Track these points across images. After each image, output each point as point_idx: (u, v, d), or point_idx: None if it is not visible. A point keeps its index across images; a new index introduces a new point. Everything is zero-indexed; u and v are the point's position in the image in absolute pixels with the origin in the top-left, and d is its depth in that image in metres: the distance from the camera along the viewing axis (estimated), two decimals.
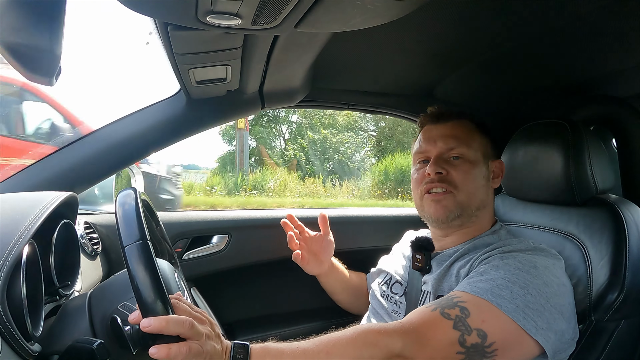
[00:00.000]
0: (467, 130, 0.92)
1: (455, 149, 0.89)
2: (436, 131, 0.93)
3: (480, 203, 0.90)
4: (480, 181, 0.89)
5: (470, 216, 0.89)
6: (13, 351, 0.55)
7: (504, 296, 0.66)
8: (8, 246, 0.58)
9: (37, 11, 0.47)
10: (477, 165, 0.89)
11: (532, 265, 0.71)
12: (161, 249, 0.94)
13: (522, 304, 0.66)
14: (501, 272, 0.71)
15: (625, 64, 1.00)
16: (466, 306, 0.66)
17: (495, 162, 0.94)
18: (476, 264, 0.79)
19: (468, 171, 0.88)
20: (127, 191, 0.66)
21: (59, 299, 0.79)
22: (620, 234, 0.80)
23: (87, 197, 1.23)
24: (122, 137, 1.04)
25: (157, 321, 0.55)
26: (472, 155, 0.89)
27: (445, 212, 0.88)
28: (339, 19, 0.64)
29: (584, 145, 0.86)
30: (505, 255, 0.76)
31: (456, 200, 0.88)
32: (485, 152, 0.92)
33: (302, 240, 1.17)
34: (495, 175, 0.94)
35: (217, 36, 0.71)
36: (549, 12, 0.79)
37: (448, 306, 0.67)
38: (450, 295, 0.71)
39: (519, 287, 0.67)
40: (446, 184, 0.88)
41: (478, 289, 0.69)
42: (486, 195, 0.91)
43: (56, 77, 0.54)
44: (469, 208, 0.88)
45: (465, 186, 0.88)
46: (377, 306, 0.98)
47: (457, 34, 0.91)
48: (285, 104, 1.20)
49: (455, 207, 0.88)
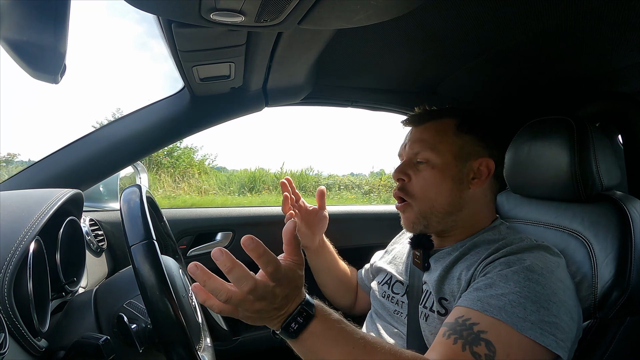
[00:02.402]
0: (438, 132, 0.89)
1: (419, 153, 0.89)
2: (410, 135, 0.94)
3: (449, 208, 0.87)
4: (446, 185, 0.87)
5: (441, 221, 0.88)
6: (20, 347, 0.56)
7: (518, 314, 0.65)
8: (14, 243, 0.58)
9: (42, 9, 0.47)
10: (444, 169, 0.87)
11: (538, 272, 0.70)
12: (165, 244, 0.95)
13: (537, 319, 0.65)
14: (510, 284, 0.69)
15: (631, 59, 0.99)
16: (489, 338, 0.64)
17: (479, 161, 0.88)
18: (480, 268, 0.77)
19: (428, 178, 0.87)
20: (131, 188, 0.67)
21: (65, 295, 0.80)
22: (626, 231, 0.80)
23: (92, 195, 1.24)
24: (126, 134, 1.05)
25: (225, 259, 0.56)
26: (438, 159, 0.87)
27: (408, 223, 0.90)
28: (343, 16, 0.63)
29: (589, 141, 0.85)
30: (511, 259, 0.74)
31: (415, 211, 0.88)
32: (461, 152, 0.88)
33: (297, 208, 1.16)
34: (479, 175, 0.88)
35: (220, 33, 0.71)
36: (554, 8, 0.78)
37: (474, 342, 0.65)
38: (464, 317, 0.69)
39: (531, 302, 0.66)
40: (403, 193, 0.89)
41: (490, 307, 0.67)
42: (458, 198, 0.88)
43: (61, 75, 0.55)
44: (434, 215, 0.87)
45: (424, 193, 0.87)
46: (379, 307, 0.98)
47: (461, 31, 0.90)
48: (288, 102, 1.20)
49: (417, 218, 0.88)
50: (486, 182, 0.90)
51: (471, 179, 0.88)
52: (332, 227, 1.55)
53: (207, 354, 0.77)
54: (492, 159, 0.89)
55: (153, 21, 0.71)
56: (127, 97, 11.67)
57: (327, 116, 28.82)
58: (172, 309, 0.57)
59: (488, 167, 0.89)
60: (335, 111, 1.41)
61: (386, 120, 21.49)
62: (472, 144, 0.89)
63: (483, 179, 0.89)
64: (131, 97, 12.67)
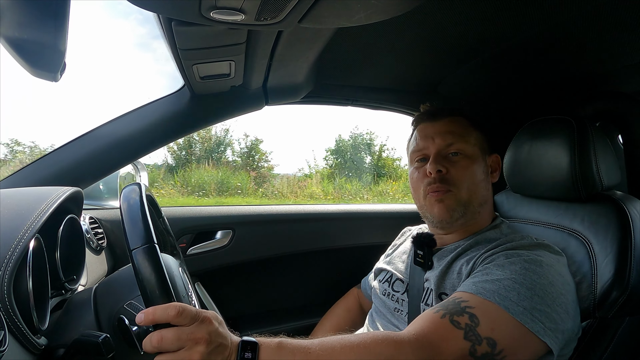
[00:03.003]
0: (463, 126, 0.91)
1: (453, 144, 0.89)
2: (433, 128, 0.92)
3: (482, 199, 0.90)
4: (479, 176, 0.89)
5: (474, 213, 0.89)
6: (20, 344, 0.56)
7: (510, 298, 0.66)
8: (14, 240, 0.58)
9: (41, 7, 0.47)
10: (476, 161, 0.89)
11: (537, 264, 0.71)
12: (164, 240, 0.95)
13: (529, 306, 0.65)
14: (507, 271, 0.70)
15: (631, 59, 0.99)
16: (475, 312, 0.65)
17: (492, 157, 0.95)
18: (479, 261, 0.78)
19: (467, 167, 0.88)
20: (131, 187, 0.66)
21: (64, 293, 0.80)
22: (626, 230, 0.80)
23: (92, 192, 1.24)
24: (126, 132, 1.05)
25: (146, 313, 0.53)
26: (471, 150, 0.89)
27: (448, 211, 0.87)
28: (343, 15, 0.63)
29: (589, 141, 0.85)
30: (510, 253, 0.75)
31: (457, 199, 0.87)
32: (482, 146, 0.92)
33: None
34: (493, 170, 0.94)
35: (220, 32, 0.71)
36: (554, 8, 0.78)
37: (456, 312, 0.66)
38: (456, 297, 0.70)
39: (525, 288, 0.67)
40: (445, 183, 0.88)
41: (484, 290, 0.68)
42: (486, 190, 0.91)
43: (61, 73, 0.55)
44: (472, 205, 0.88)
45: (466, 183, 0.87)
46: (380, 305, 0.98)
47: (461, 30, 0.90)
48: (288, 100, 1.20)
49: (458, 206, 0.87)
50: (497, 178, 0.95)
51: (490, 173, 0.93)
52: (334, 226, 1.55)
53: None
54: (499, 156, 0.95)
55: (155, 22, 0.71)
56: (128, 97, 11.70)
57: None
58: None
59: (498, 163, 0.95)
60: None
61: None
62: (485, 140, 0.93)
63: (496, 174, 0.94)
64: (132, 97, 12.69)
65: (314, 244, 1.51)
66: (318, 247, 1.52)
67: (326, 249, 1.54)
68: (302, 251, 1.49)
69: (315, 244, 1.51)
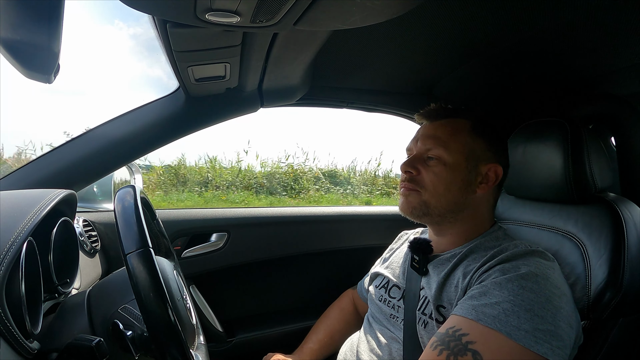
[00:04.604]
0: (453, 132, 0.89)
1: (431, 150, 0.88)
2: (423, 130, 0.93)
3: (454, 207, 0.88)
4: (455, 184, 0.87)
5: (442, 217, 0.89)
6: (12, 349, 0.55)
7: (511, 323, 0.65)
8: (7, 243, 0.58)
9: (35, 8, 0.47)
10: (456, 168, 0.87)
11: (532, 280, 0.70)
12: (158, 243, 0.94)
13: (531, 327, 0.64)
14: (504, 292, 0.69)
15: (624, 62, 1.00)
16: (477, 348, 0.64)
17: (488, 166, 0.88)
18: (476, 276, 0.77)
19: (439, 173, 0.87)
20: (126, 189, 0.66)
21: (57, 297, 0.79)
22: (619, 232, 0.80)
23: (86, 195, 1.23)
24: (120, 135, 1.04)
25: None
26: (449, 158, 0.87)
27: (409, 208, 0.89)
28: (338, 17, 0.63)
29: (582, 143, 0.86)
30: (507, 267, 0.74)
31: (421, 200, 0.88)
32: (474, 154, 0.88)
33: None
34: (487, 180, 0.88)
35: (216, 34, 0.71)
36: (547, 11, 0.79)
37: (459, 351, 0.65)
38: (455, 328, 0.69)
39: (524, 310, 0.66)
40: (414, 183, 0.89)
41: (485, 315, 0.67)
42: (463, 199, 0.88)
43: (54, 74, 0.54)
44: (437, 209, 0.87)
45: (433, 187, 0.87)
46: (376, 310, 0.98)
47: (456, 32, 0.91)
48: (284, 102, 1.20)
49: (420, 205, 0.88)
50: (492, 188, 0.90)
51: (479, 182, 0.88)
52: (329, 228, 1.55)
53: (200, 353, 0.77)
54: (500, 166, 0.89)
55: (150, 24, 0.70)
56: (125, 99, 11.67)
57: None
58: (170, 318, 0.57)
59: (496, 174, 0.88)
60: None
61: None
62: (483, 148, 0.88)
63: (490, 184, 0.88)
64: (129, 100, 12.61)
65: (309, 246, 1.51)
66: (314, 249, 1.52)
67: (322, 251, 1.54)
68: (298, 253, 1.49)
69: (311, 246, 1.51)
